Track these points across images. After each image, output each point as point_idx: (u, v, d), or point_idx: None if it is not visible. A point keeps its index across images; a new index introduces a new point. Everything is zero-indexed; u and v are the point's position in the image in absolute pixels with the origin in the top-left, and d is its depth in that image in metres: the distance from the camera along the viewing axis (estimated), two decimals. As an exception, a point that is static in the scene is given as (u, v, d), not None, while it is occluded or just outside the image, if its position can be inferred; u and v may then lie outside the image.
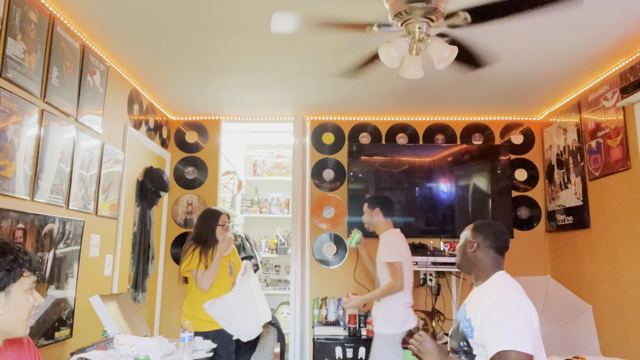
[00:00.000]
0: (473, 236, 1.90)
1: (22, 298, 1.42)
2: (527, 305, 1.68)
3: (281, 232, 5.36)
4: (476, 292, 1.86)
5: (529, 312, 1.66)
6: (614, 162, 3.15)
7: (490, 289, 1.77)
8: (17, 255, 1.41)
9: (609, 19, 2.53)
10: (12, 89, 2.13)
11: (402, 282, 3.01)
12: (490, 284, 1.81)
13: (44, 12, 2.36)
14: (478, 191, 4.13)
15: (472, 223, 1.98)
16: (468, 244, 1.90)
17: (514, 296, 1.69)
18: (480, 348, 1.68)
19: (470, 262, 1.89)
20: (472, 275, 1.91)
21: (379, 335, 3.08)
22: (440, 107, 4.08)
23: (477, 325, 1.68)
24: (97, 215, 2.95)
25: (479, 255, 1.87)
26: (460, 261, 1.96)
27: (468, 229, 1.95)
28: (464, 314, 1.82)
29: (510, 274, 1.88)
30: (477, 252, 1.87)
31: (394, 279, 3.01)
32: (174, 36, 2.75)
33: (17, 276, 1.40)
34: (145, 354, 2.15)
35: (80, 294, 2.72)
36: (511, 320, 1.62)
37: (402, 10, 2.08)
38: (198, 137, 4.41)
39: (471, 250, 1.88)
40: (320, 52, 2.93)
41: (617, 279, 3.14)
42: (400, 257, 3.05)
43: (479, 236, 1.89)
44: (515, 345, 1.55)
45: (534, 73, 3.26)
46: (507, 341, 1.57)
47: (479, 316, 1.68)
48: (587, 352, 3.12)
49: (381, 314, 3.08)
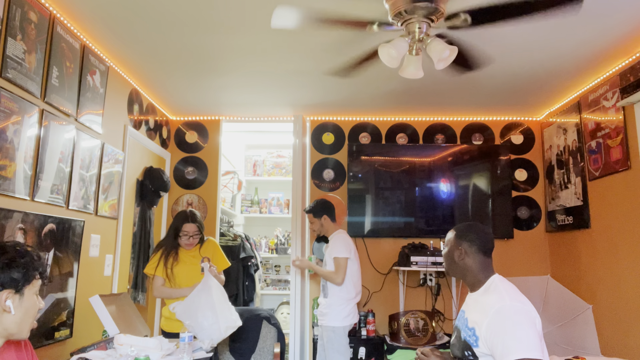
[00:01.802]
0: (458, 243, 1.87)
1: (33, 300, 1.45)
2: (530, 309, 1.67)
3: (281, 232, 5.37)
4: (475, 299, 1.83)
5: (533, 317, 1.65)
6: (614, 162, 3.15)
7: (491, 296, 1.74)
8: (31, 258, 1.44)
9: (609, 19, 2.53)
10: (12, 89, 2.13)
11: (343, 278, 3.26)
12: (489, 290, 1.79)
13: (44, 12, 2.36)
14: (478, 191, 4.13)
15: (453, 229, 1.93)
16: (455, 252, 1.87)
17: (516, 301, 1.68)
18: (487, 357, 1.67)
19: (461, 269, 1.87)
20: (466, 282, 1.88)
21: (330, 328, 3.25)
22: (440, 107, 4.08)
23: (483, 335, 1.67)
24: (97, 215, 2.95)
25: (468, 261, 1.84)
26: (449, 269, 1.92)
27: (451, 236, 1.91)
28: (465, 322, 1.80)
29: (510, 274, 1.88)
30: (466, 259, 1.84)
31: (335, 273, 3.27)
32: (174, 36, 2.75)
33: (31, 279, 1.43)
34: (145, 354, 2.15)
35: (80, 294, 2.72)
36: (518, 327, 1.61)
37: (402, 10, 2.09)
38: (198, 137, 4.41)
39: (459, 258, 1.85)
40: (320, 51, 2.92)
41: (617, 279, 3.14)
42: (348, 253, 3.29)
43: (464, 242, 1.85)
44: (526, 352, 1.55)
45: (534, 73, 3.26)
46: (517, 350, 1.56)
47: (484, 326, 1.66)
48: (587, 352, 3.12)
49: (329, 310, 3.28)
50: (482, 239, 1.86)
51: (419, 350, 1.95)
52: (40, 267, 1.46)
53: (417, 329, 3.59)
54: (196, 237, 3.03)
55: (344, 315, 3.27)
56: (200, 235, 3.06)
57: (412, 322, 3.61)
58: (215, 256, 3.12)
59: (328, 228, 3.47)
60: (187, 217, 3.01)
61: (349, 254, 3.30)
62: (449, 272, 1.94)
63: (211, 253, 3.12)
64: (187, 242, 3.01)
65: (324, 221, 3.45)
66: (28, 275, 1.42)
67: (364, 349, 3.63)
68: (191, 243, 3.03)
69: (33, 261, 1.44)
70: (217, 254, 3.15)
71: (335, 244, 3.35)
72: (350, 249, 3.33)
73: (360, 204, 4.12)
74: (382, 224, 4.11)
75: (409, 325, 3.60)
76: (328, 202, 3.53)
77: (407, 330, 3.58)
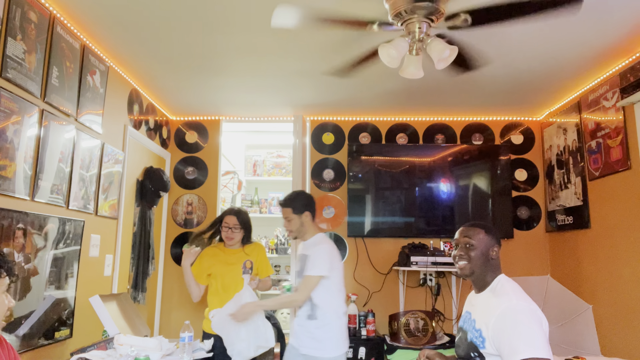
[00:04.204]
0: (492, 241, 1.80)
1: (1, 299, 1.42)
2: (536, 309, 1.67)
3: (281, 232, 5.36)
4: (482, 300, 1.81)
5: (539, 316, 1.65)
6: (614, 162, 3.15)
7: (498, 296, 1.73)
8: None
9: (609, 19, 2.52)
10: (12, 89, 2.13)
11: (305, 299, 2.60)
12: (495, 290, 1.77)
13: (44, 12, 2.36)
14: (478, 191, 4.13)
15: (478, 226, 1.85)
16: (490, 249, 1.79)
17: (522, 300, 1.68)
18: (493, 357, 1.67)
19: (487, 269, 1.80)
20: (480, 282, 1.83)
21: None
22: (440, 107, 4.08)
23: (490, 336, 1.66)
24: (97, 215, 2.95)
25: (497, 261, 1.80)
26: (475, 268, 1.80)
27: (481, 233, 1.81)
28: (473, 324, 1.78)
29: (510, 274, 1.87)
30: (497, 259, 1.80)
31: (300, 292, 2.60)
32: (174, 36, 2.75)
33: None
34: (145, 354, 2.15)
35: (80, 294, 2.72)
36: (525, 327, 1.60)
37: (402, 10, 2.09)
38: (198, 137, 4.41)
39: (493, 257, 1.79)
40: (320, 51, 2.92)
41: (617, 279, 3.14)
42: (325, 271, 2.59)
43: (494, 238, 1.81)
44: (533, 352, 1.54)
45: (534, 73, 3.26)
46: (525, 349, 1.55)
47: (491, 326, 1.66)
48: (587, 352, 3.12)
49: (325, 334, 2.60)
50: (499, 236, 1.84)
51: (423, 355, 1.91)
52: (5, 265, 1.42)
53: (417, 329, 3.59)
54: (236, 231, 3.00)
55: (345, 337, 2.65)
56: (240, 231, 3.03)
57: (412, 322, 3.61)
58: (258, 260, 3.08)
59: (308, 229, 2.76)
60: (231, 210, 3.08)
61: (327, 271, 2.60)
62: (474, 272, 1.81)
63: (255, 256, 3.08)
64: (226, 234, 3.00)
65: (305, 219, 2.74)
66: None
67: (364, 349, 3.63)
68: (230, 237, 3.00)
69: None
70: (260, 257, 3.10)
71: (317, 258, 2.60)
72: (332, 264, 2.63)
73: (360, 204, 4.12)
74: (382, 224, 4.11)
75: (409, 325, 3.60)
76: (310, 196, 2.87)
77: (407, 330, 3.58)
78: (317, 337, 2.59)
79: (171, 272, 4.19)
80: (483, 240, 1.80)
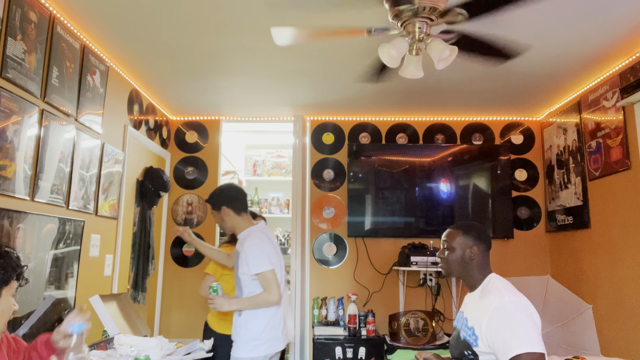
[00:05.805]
0: (468, 242, 1.84)
1: (9, 302, 1.42)
2: (527, 304, 1.68)
3: (281, 232, 5.36)
4: (473, 299, 1.83)
5: (531, 312, 1.66)
6: (614, 162, 3.15)
7: (489, 294, 1.75)
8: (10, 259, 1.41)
9: (609, 19, 2.52)
10: (12, 89, 2.13)
11: (279, 294, 2.44)
12: (487, 288, 1.79)
13: (44, 12, 2.36)
14: (478, 191, 4.13)
15: (456, 228, 1.89)
16: (467, 251, 1.83)
17: (513, 296, 1.69)
18: (487, 355, 1.67)
19: (469, 268, 1.84)
20: (468, 282, 1.86)
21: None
22: (440, 107, 4.08)
23: (483, 334, 1.67)
24: (97, 215, 2.95)
25: (478, 260, 1.83)
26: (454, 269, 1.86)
27: (458, 235, 1.86)
28: (465, 322, 1.80)
29: (510, 274, 1.88)
30: (475, 258, 1.82)
31: (268, 291, 2.42)
32: (174, 36, 2.75)
33: (9, 280, 1.41)
34: (145, 354, 2.15)
35: (80, 294, 2.72)
36: (518, 322, 1.61)
37: (402, 11, 2.08)
38: (198, 137, 4.41)
39: (470, 257, 1.83)
40: (320, 51, 2.92)
41: (617, 279, 3.14)
42: (270, 264, 2.44)
43: (474, 241, 1.83)
44: (528, 346, 1.55)
45: (534, 73, 3.26)
46: (519, 344, 1.56)
47: (484, 324, 1.66)
48: (587, 352, 3.12)
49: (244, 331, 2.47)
50: (486, 237, 1.85)
51: (420, 357, 1.91)
52: (18, 269, 1.43)
53: (417, 329, 3.59)
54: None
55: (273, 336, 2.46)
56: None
57: (412, 322, 3.61)
58: None
59: (234, 224, 2.61)
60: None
61: (271, 263, 2.45)
62: (450, 272, 1.88)
63: None
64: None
65: (224, 215, 2.60)
66: (6, 277, 1.39)
67: (364, 349, 3.63)
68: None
69: (12, 262, 1.41)
70: None
71: (250, 256, 2.44)
72: (269, 256, 2.47)
73: (360, 204, 4.12)
74: (382, 223, 4.11)
75: (409, 325, 3.60)
76: (230, 189, 2.70)
77: (407, 330, 3.58)
78: (239, 334, 2.48)
79: (171, 272, 4.19)
80: (459, 242, 1.86)
